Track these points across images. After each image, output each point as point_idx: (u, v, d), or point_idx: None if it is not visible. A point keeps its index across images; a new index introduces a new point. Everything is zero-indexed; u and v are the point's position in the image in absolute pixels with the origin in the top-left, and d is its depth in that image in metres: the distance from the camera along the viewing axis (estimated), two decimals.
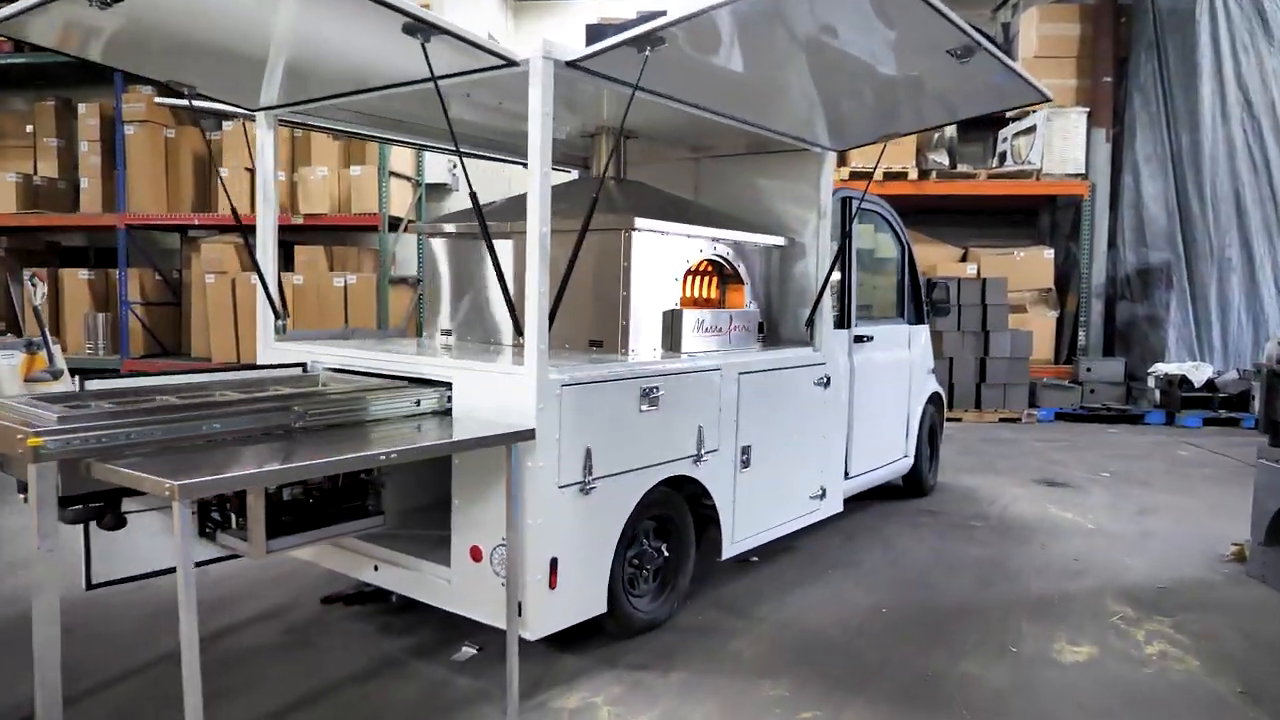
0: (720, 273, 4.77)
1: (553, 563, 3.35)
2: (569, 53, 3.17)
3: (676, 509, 4.09)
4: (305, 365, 4.02)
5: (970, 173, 11.37)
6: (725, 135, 4.85)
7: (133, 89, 11.19)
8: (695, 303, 4.79)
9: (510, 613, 3.22)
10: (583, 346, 4.16)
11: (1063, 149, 11.17)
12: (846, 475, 5.50)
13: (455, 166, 11.96)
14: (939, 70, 3.65)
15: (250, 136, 11.26)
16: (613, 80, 3.38)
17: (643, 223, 3.96)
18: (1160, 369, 10.64)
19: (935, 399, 6.76)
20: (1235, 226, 10.93)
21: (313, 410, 3.14)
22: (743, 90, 3.94)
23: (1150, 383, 10.67)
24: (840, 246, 5.00)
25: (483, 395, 3.43)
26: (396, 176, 11.06)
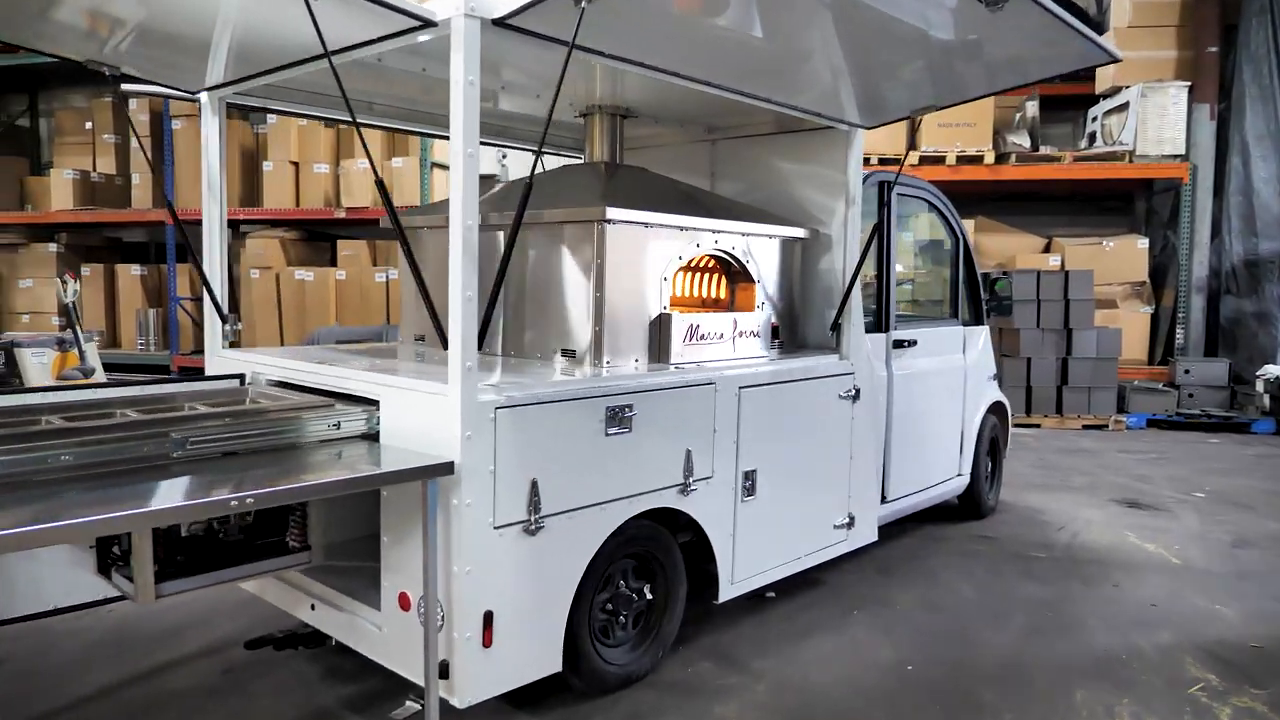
0: (728, 271, 4.17)
1: (487, 616, 2.83)
2: (495, 8, 2.63)
3: (661, 546, 3.53)
4: (244, 377, 3.60)
5: (1053, 155, 10.39)
6: (743, 113, 4.25)
7: None
8: (695, 305, 4.21)
9: (430, 676, 2.73)
10: (555, 357, 3.62)
11: (1159, 128, 10.11)
12: (884, 500, 4.84)
13: (505, 157, 11.54)
14: (975, 23, 2.99)
15: (295, 129, 11.18)
16: (551, 40, 2.82)
17: (618, 213, 3.40)
18: (1270, 371, 9.52)
19: (997, 409, 6.01)
20: None
21: (203, 437, 2.69)
22: (741, 55, 3.34)
23: (1258, 387, 9.56)
24: (870, 238, 4.33)
25: (411, 417, 2.93)
26: (439, 168, 10.70)
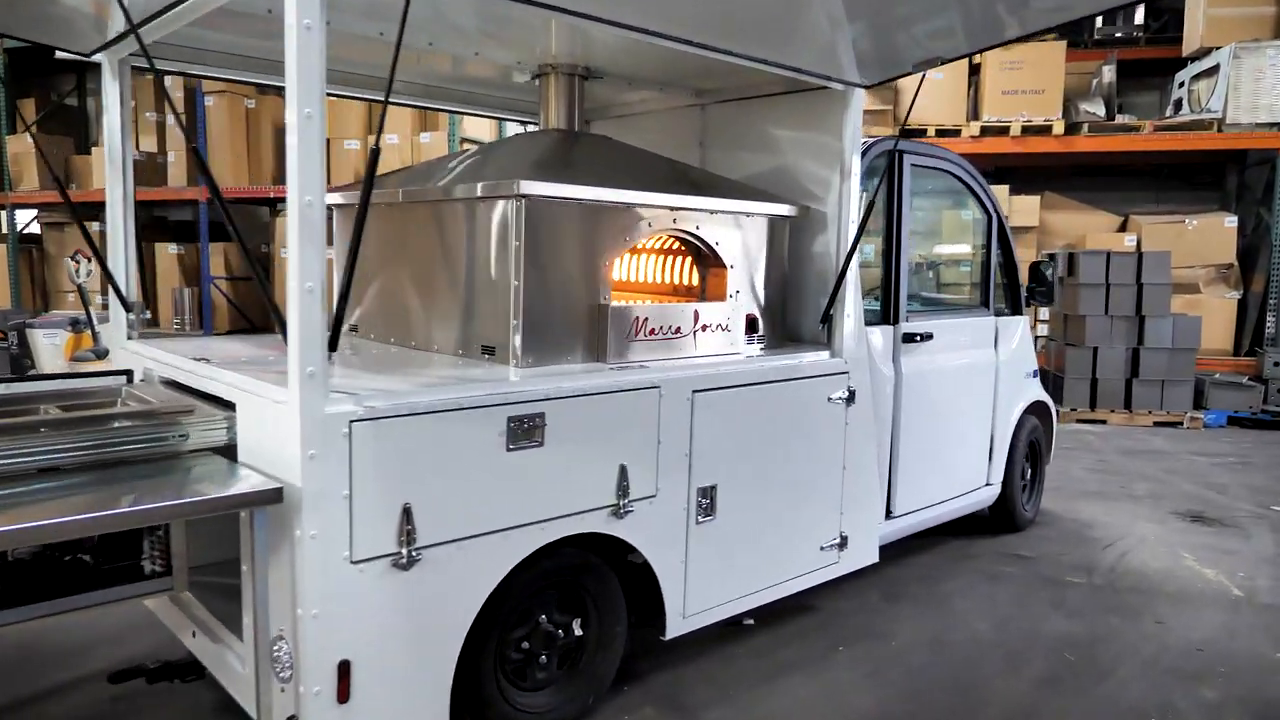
0: (698, 255, 3.62)
1: (343, 666, 2.39)
2: None
3: (593, 576, 3.04)
4: (131, 374, 3.23)
5: (1131, 125, 9.45)
6: (732, 73, 3.69)
7: None
8: (661, 293, 3.69)
9: None
10: (477, 354, 3.15)
11: (1254, 93, 9.07)
12: (889, 515, 4.25)
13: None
14: None
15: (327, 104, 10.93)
16: None
17: (537, 186, 2.89)
18: None
19: (1038, 409, 5.32)
20: None
21: (14, 450, 2.30)
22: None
23: None
24: (865, 214, 3.72)
25: (263, 429, 2.50)
26: (468, 143, 10.33)
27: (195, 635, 2.94)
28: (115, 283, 3.47)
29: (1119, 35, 11.06)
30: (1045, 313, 9.77)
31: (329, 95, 2.39)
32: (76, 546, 2.50)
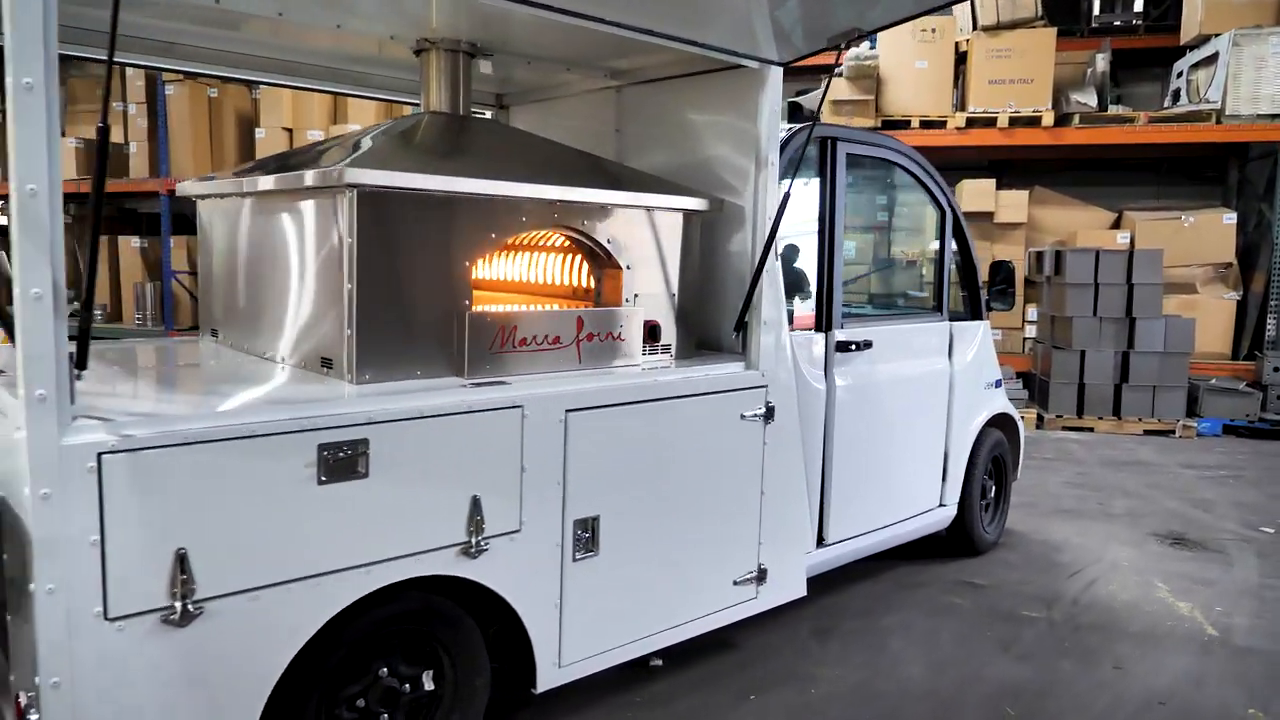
0: (591, 255, 3.22)
1: None
2: None
3: (445, 621, 2.65)
4: None
5: (1124, 116, 8.97)
6: (644, 50, 3.30)
7: None
8: (556, 297, 3.30)
9: None
10: (318, 367, 2.76)
11: (1255, 83, 8.59)
12: (820, 543, 3.85)
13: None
14: None
15: (288, 95, 10.56)
16: None
17: (367, 174, 2.49)
18: None
19: (1002, 422, 4.90)
20: None
21: None
22: None
23: None
24: (781, 209, 3.30)
25: (10, 460, 2.11)
26: None
27: None
28: None
29: (1117, 24, 10.54)
30: (1033, 313, 9.33)
31: (277, 83, 2.01)
32: None
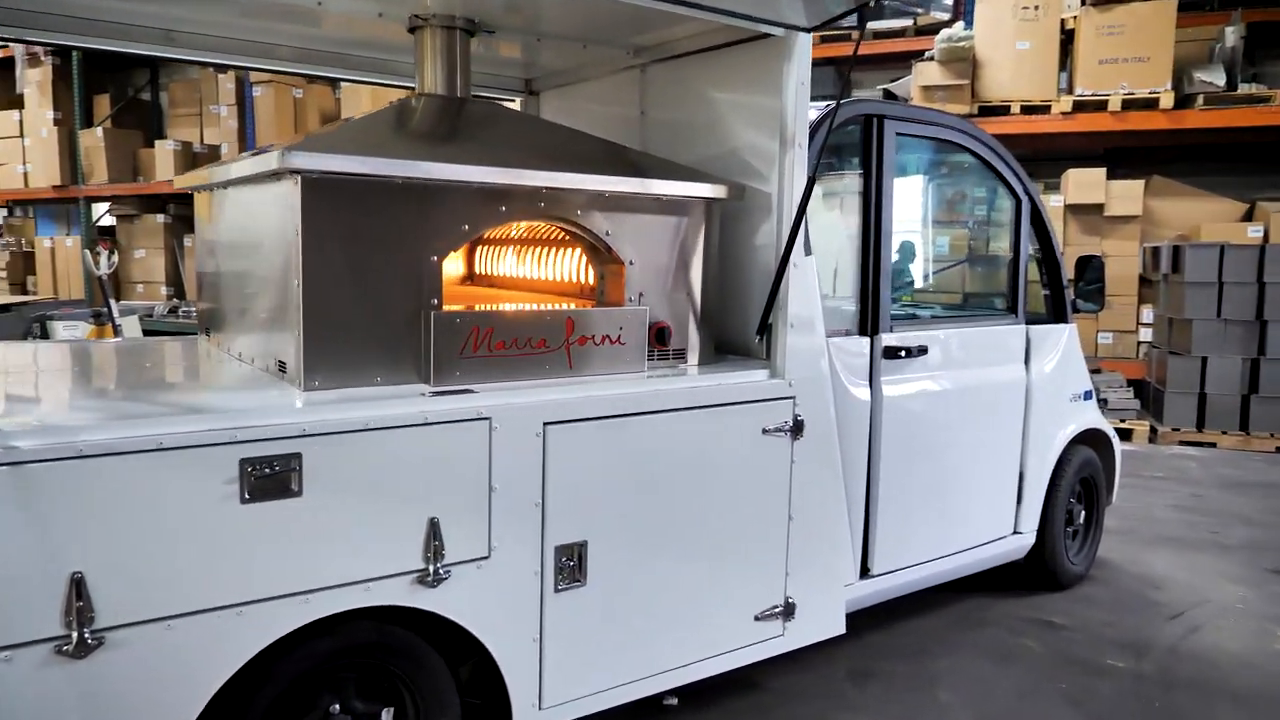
0: (592, 250, 2.89)
1: None
2: None
3: (405, 656, 2.38)
4: None
5: (1258, 95, 8.07)
6: (666, 21, 2.98)
7: None
8: (555, 295, 2.99)
9: None
10: (276, 370, 2.53)
11: None
12: (865, 573, 3.42)
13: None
14: None
15: (367, 92, 10.62)
16: None
17: (314, 159, 2.23)
18: None
19: (1093, 439, 4.34)
20: None
21: None
22: None
23: None
24: (806, 194, 2.89)
25: None
26: None
27: None
28: None
29: None
30: (1149, 314, 8.51)
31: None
32: None
